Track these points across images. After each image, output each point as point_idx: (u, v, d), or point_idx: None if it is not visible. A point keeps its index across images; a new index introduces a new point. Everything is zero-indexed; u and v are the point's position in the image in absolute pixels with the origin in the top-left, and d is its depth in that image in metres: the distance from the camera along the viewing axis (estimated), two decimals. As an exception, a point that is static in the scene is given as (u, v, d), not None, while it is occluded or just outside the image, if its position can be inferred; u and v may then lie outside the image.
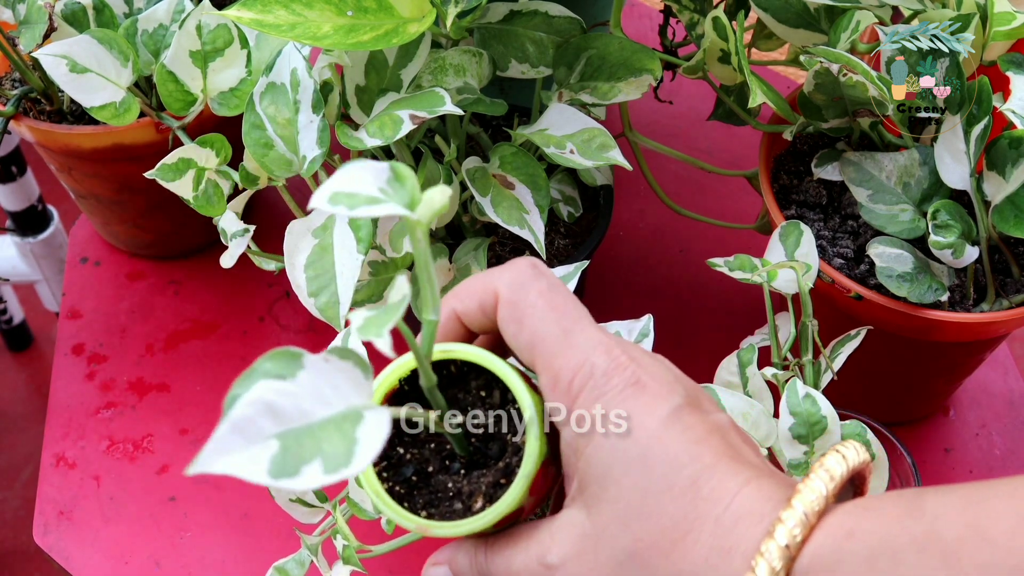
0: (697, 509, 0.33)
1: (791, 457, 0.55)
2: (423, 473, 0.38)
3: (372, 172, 0.30)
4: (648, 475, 0.33)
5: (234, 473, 0.27)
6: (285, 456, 0.27)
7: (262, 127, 0.57)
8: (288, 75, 0.56)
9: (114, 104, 0.65)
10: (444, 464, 0.38)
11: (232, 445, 0.27)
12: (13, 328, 1.53)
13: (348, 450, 0.28)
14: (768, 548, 0.31)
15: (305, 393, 0.29)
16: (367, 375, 0.31)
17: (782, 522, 0.31)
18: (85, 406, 0.79)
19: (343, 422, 0.29)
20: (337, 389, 0.30)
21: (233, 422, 0.27)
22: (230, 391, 0.29)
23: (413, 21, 0.53)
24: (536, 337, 0.36)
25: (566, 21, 0.64)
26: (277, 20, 0.50)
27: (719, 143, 0.96)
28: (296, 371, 0.29)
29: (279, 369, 0.29)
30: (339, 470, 0.28)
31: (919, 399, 0.75)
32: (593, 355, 0.35)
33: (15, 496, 1.43)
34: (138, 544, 0.71)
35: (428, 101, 0.56)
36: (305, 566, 0.56)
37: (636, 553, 0.33)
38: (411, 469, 0.38)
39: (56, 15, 0.69)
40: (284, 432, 0.28)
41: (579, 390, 0.35)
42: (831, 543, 0.31)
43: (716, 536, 0.32)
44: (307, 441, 0.28)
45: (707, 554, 0.32)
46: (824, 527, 0.31)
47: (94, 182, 0.80)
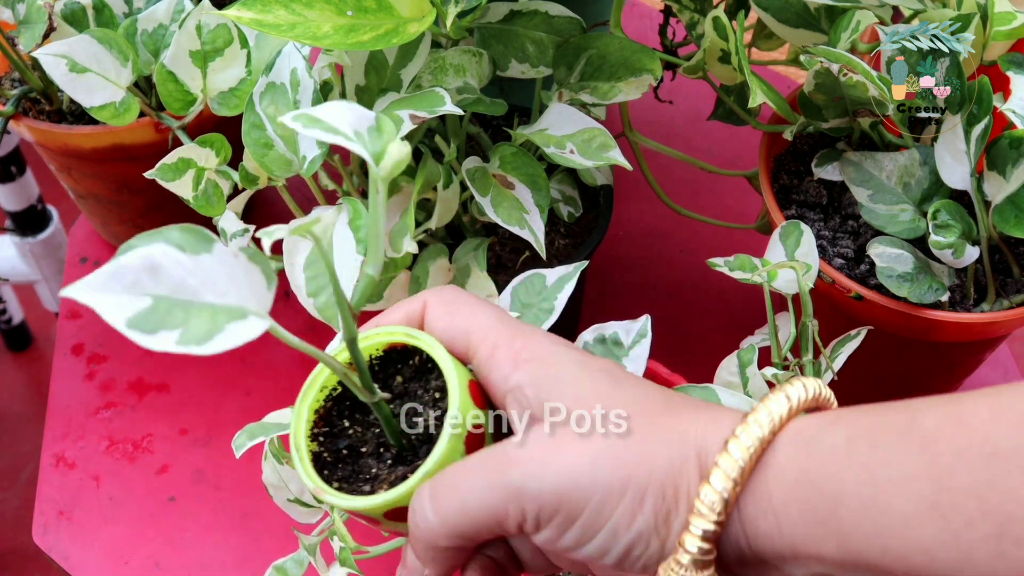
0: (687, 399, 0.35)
1: (791, 457, 0.55)
2: (355, 451, 0.39)
3: (356, 115, 0.32)
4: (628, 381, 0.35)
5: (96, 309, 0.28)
6: (150, 315, 0.28)
7: (262, 127, 0.57)
8: (288, 75, 0.56)
9: (114, 104, 0.65)
10: (378, 450, 0.39)
11: (107, 286, 0.28)
12: (13, 328, 1.53)
13: (208, 334, 0.29)
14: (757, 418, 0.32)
15: (200, 274, 0.30)
16: (270, 284, 0.31)
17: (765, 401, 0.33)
18: (85, 406, 0.79)
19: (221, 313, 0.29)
20: (234, 283, 0.30)
21: (118, 267, 0.29)
22: (129, 241, 0.30)
23: (413, 21, 0.53)
24: (471, 321, 0.38)
25: (566, 21, 0.63)
26: (277, 20, 0.50)
27: (719, 143, 0.96)
28: (201, 252, 0.30)
29: (184, 243, 0.30)
30: (190, 345, 0.28)
31: (919, 399, 0.75)
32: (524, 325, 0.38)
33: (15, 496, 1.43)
34: (138, 544, 0.71)
35: (428, 101, 0.56)
36: (303, 566, 0.56)
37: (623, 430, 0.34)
38: (345, 443, 0.39)
39: (56, 15, 0.69)
40: (161, 296, 0.29)
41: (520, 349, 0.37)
42: (816, 423, 0.32)
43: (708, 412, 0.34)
44: (178, 312, 0.29)
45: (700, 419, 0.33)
46: (811, 414, 0.33)
47: (94, 182, 0.80)
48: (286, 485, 0.54)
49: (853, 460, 0.30)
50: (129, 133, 0.72)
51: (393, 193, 0.61)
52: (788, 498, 0.31)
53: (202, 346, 0.28)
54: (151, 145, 0.73)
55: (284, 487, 0.54)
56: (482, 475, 0.34)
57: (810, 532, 0.31)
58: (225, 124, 0.68)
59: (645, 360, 0.59)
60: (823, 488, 0.30)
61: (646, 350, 0.59)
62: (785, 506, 0.31)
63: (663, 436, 0.33)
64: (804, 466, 0.31)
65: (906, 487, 0.29)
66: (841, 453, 0.30)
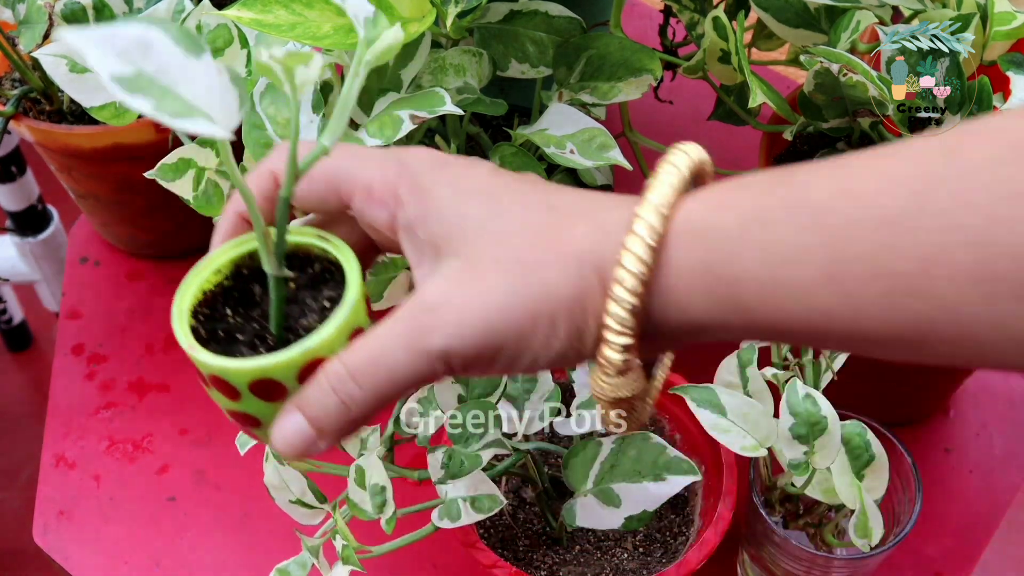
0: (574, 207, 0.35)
1: (791, 457, 0.55)
2: (231, 336, 0.38)
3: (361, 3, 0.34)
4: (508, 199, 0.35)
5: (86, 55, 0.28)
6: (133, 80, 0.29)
7: (262, 127, 0.57)
8: None
9: (114, 104, 0.65)
10: (253, 341, 0.38)
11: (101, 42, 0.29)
12: (13, 328, 1.53)
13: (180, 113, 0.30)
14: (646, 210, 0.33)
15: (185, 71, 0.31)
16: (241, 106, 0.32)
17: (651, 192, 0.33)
18: (85, 406, 0.79)
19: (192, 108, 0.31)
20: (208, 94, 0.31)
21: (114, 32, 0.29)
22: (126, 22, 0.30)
23: (413, 21, 0.53)
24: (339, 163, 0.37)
25: (566, 21, 0.64)
26: (277, 20, 0.50)
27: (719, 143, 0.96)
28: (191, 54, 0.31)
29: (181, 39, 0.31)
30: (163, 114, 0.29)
31: (919, 399, 0.75)
32: None
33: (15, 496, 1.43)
34: (138, 544, 0.71)
35: (428, 101, 0.56)
36: (307, 568, 0.56)
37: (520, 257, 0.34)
38: (223, 326, 0.38)
39: (56, 15, 0.69)
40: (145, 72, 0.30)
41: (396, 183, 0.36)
42: (704, 210, 0.33)
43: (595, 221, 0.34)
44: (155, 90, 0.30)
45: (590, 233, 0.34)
46: (696, 198, 0.33)
47: (94, 182, 0.80)
48: (287, 486, 0.54)
49: (748, 243, 0.31)
50: (129, 133, 0.72)
51: None
52: (691, 290, 0.33)
53: (174, 120, 0.29)
54: (151, 145, 0.73)
55: (286, 488, 0.54)
56: (403, 346, 0.34)
57: (716, 313, 0.33)
58: (225, 124, 0.68)
59: (645, 360, 0.59)
60: (722, 275, 0.32)
61: (646, 350, 0.59)
62: (689, 298, 0.33)
63: (560, 263, 0.34)
64: (701, 257, 0.32)
65: (802, 262, 0.30)
66: (735, 238, 0.32)
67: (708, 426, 0.56)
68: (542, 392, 0.55)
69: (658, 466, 0.55)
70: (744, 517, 0.63)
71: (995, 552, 0.71)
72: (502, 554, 0.59)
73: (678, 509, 0.64)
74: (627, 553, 0.62)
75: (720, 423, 0.56)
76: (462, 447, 0.51)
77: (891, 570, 0.68)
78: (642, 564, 0.61)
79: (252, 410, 0.37)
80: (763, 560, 0.61)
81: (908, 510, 0.58)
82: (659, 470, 0.55)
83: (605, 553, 0.62)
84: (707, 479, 0.62)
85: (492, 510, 0.51)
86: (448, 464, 0.51)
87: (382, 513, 0.50)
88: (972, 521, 0.71)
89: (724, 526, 0.58)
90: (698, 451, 0.63)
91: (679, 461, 0.55)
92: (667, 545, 0.62)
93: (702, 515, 0.62)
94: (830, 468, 0.55)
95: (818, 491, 0.57)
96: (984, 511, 0.72)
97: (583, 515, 0.56)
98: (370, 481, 0.51)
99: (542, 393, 0.55)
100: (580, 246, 0.34)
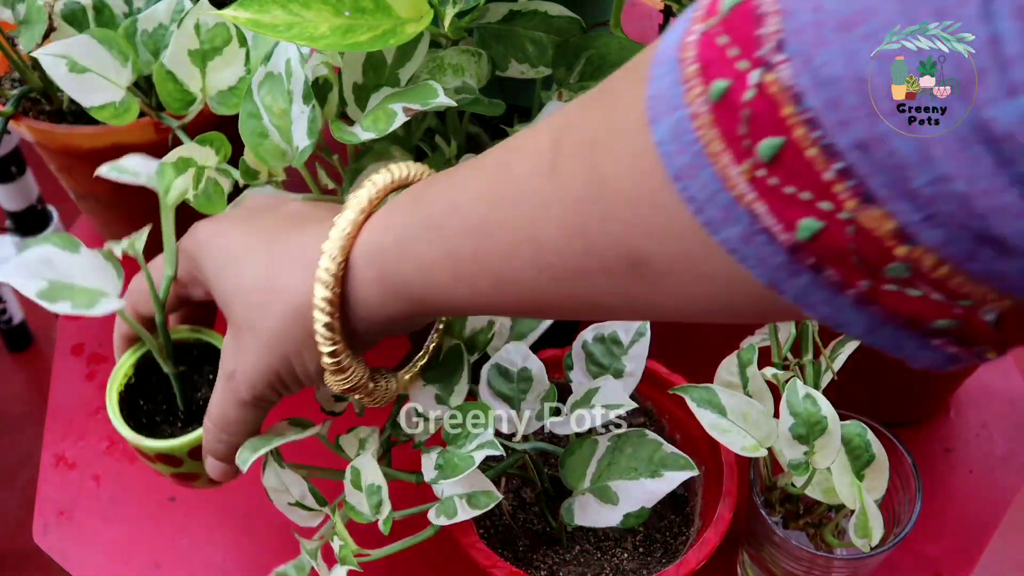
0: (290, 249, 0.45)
1: (791, 457, 0.55)
2: (152, 421, 0.55)
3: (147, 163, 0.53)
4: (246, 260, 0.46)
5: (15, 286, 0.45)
6: (50, 291, 0.45)
7: (258, 116, 0.57)
8: (283, 65, 0.56)
9: (114, 104, 0.65)
10: (169, 419, 0.55)
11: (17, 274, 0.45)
12: (13, 328, 1.53)
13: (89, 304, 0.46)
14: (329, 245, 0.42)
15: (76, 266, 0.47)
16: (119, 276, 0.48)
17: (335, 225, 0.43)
18: (85, 406, 0.79)
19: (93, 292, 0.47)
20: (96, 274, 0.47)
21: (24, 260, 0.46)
22: (29, 241, 0.47)
23: (411, 21, 0.53)
24: None
25: (566, 21, 0.63)
26: (274, 20, 0.50)
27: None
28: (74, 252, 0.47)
29: (64, 245, 0.47)
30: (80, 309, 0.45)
31: (919, 399, 0.75)
32: None
33: (15, 496, 1.43)
34: (138, 544, 0.71)
35: (421, 94, 0.56)
36: (305, 571, 0.56)
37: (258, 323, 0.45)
38: (142, 415, 0.54)
39: (56, 15, 0.69)
40: (54, 279, 0.46)
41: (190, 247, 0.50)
42: (375, 237, 0.43)
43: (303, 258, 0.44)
44: (66, 290, 0.46)
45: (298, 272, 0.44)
46: (372, 222, 0.43)
47: (94, 182, 0.79)
48: (287, 489, 0.54)
49: (403, 257, 0.41)
50: (129, 133, 0.72)
51: (383, 157, 0.61)
52: (376, 297, 0.43)
53: (88, 310, 0.45)
54: (151, 145, 0.73)
55: (285, 491, 0.54)
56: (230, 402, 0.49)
57: (400, 308, 0.43)
58: (225, 123, 0.68)
59: (644, 359, 0.59)
60: (395, 281, 0.42)
61: (645, 348, 0.59)
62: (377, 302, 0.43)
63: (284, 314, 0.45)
64: (377, 273, 0.42)
65: (437, 268, 0.40)
66: (395, 254, 0.42)
67: (708, 426, 0.56)
68: (538, 392, 0.55)
69: (654, 462, 0.55)
70: (744, 517, 0.63)
71: (995, 552, 0.71)
72: (502, 554, 0.59)
73: (678, 509, 0.64)
74: (627, 553, 0.62)
75: (720, 423, 0.56)
76: (455, 448, 0.51)
77: (891, 570, 0.68)
78: (642, 564, 0.61)
79: (190, 468, 0.54)
80: (763, 560, 0.61)
81: (908, 510, 0.58)
82: (656, 466, 0.55)
83: (605, 553, 0.62)
84: (707, 479, 0.62)
85: (488, 506, 0.51)
86: (442, 465, 0.51)
87: (379, 514, 0.50)
88: (972, 521, 0.71)
89: (724, 526, 0.58)
90: (698, 451, 0.63)
91: (676, 457, 0.55)
92: (667, 545, 0.62)
93: (702, 515, 0.62)
94: (830, 468, 0.55)
95: (818, 491, 0.57)
96: (984, 511, 0.72)
97: (581, 513, 0.56)
98: (366, 481, 0.51)
99: (538, 393, 0.55)
100: (293, 293, 0.44)
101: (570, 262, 0.35)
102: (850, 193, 0.26)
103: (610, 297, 0.36)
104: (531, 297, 0.38)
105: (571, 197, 0.34)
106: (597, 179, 0.33)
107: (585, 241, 0.34)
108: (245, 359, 0.46)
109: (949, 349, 0.29)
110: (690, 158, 0.29)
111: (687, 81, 0.29)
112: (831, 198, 0.26)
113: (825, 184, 0.26)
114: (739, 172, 0.28)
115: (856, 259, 0.27)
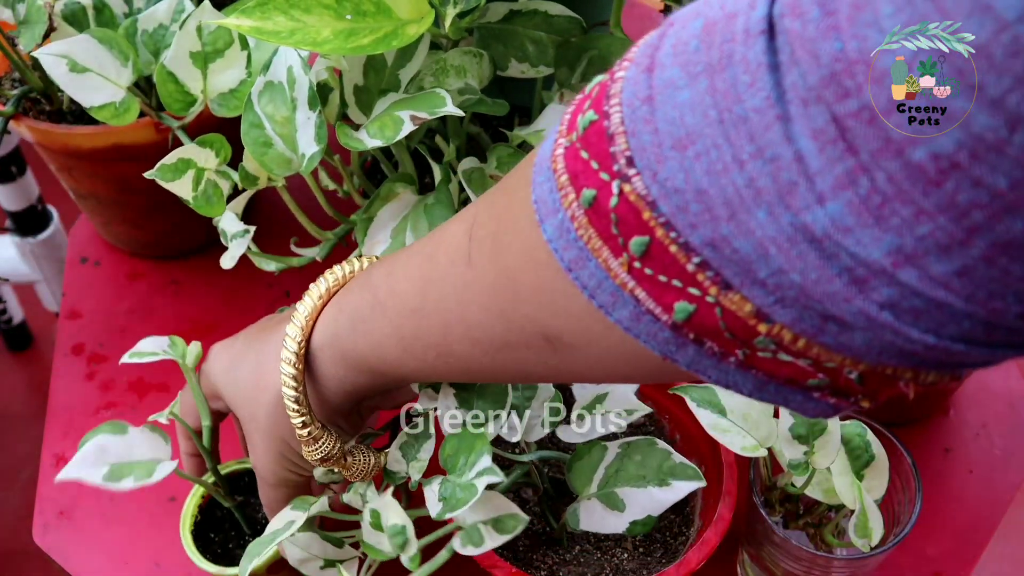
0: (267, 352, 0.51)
1: (791, 457, 0.55)
2: (225, 550, 0.62)
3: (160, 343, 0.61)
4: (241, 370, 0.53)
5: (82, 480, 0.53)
6: (112, 474, 0.53)
7: (261, 126, 0.57)
8: (285, 73, 0.56)
9: (114, 104, 0.65)
10: (240, 543, 0.63)
11: (81, 468, 0.53)
12: (13, 328, 1.53)
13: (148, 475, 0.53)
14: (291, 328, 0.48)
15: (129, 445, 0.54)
16: (166, 443, 0.55)
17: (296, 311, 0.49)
18: (85, 406, 0.79)
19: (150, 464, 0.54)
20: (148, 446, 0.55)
21: (84, 454, 0.53)
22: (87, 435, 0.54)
23: (412, 23, 0.53)
24: None
25: (566, 21, 0.64)
26: (276, 27, 0.50)
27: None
28: (124, 434, 0.54)
29: (115, 431, 0.54)
30: (142, 481, 0.53)
31: (919, 399, 0.75)
32: None
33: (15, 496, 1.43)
34: (138, 544, 0.71)
35: (429, 102, 0.56)
36: None
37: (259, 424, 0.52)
38: (216, 547, 0.62)
39: (56, 15, 0.69)
40: (114, 463, 0.53)
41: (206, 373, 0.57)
42: (331, 320, 0.48)
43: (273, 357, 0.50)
44: (126, 469, 0.53)
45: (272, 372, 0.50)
46: (328, 309, 0.48)
47: (94, 182, 0.80)
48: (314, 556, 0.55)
49: (358, 335, 0.46)
50: (129, 133, 0.72)
51: (390, 200, 0.62)
52: (338, 374, 0.49)
53: (149, 480, 0.53)
54: (151, 145, 0.73)
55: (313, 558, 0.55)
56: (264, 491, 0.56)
57: (364, 381, 0.48)
58: (225, 125, 0.68)
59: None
60: (354, 358, 0.47)
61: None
62: (339, 378, 0.49)
63: (272, 410, 0.50)
64: (337, 352, 0.48)
65: (387, 345, 0.45)
66: (350, 332, 0.47)
67: (708, 426, 0.56)
68: (542, 398, 0.55)
69: (663, 471, 0.55)
70: (744, 517, 0.63)
71: (995, 552, 0.71)
72: (502, 554, 0.59)
73: (678, 509, 0.64)
74: (627, 553, 0.62)
75: (720, 423, 0.56)
76: (456, 477, 0.49)
77: (891, 570, 0.68)
78: (642, 564, 0.61)
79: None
80: (763, 560, 0.61)
81: (908, 510, 0.58)
82: (664, 475, 0.54)
83: (605, 553, 0.62)
84: (707, 479, 0.62)
85: (516, 530, 0.49)
86: (446, 498, 0.49)
87: (403, 551, 0.48)
88: (972, 521, 0.71)
89: (724, 526, 0.58)
90: (698, 451, 0.63)
91: (684, 467, 0.55)
92: (667, 545, 0.62)
93: (702, 515, 0.62)
94: (830, 468, 0.55)
95: (818, 491, 0.57)
96: (984, 511, 0.72)
97: (587, 519, 0.55)
98: (387, 522, 0.48)
99: (542, 399, 0.55)
100: (274, 381, 0.50)
101: (496, 339, 0.40)
102: (711, 281, 0.30)
103: (538, 367, 0.40)
104: (474, 367, 0.43)
105: (487, 284, 0.39)
106: (504, 269, 0.38)
107: (505, 320, 0.39)
108: (256, 451, 0.53)
109: (829, 400, 0.32)
110: (576, 252, 0.33)
111: (562, 188, 0.33)
112: (697, 285, 0.30)
113: (690, 274, 0.30)
114: (619, 264, 0.32)
115: (728, 334, 0.31)
